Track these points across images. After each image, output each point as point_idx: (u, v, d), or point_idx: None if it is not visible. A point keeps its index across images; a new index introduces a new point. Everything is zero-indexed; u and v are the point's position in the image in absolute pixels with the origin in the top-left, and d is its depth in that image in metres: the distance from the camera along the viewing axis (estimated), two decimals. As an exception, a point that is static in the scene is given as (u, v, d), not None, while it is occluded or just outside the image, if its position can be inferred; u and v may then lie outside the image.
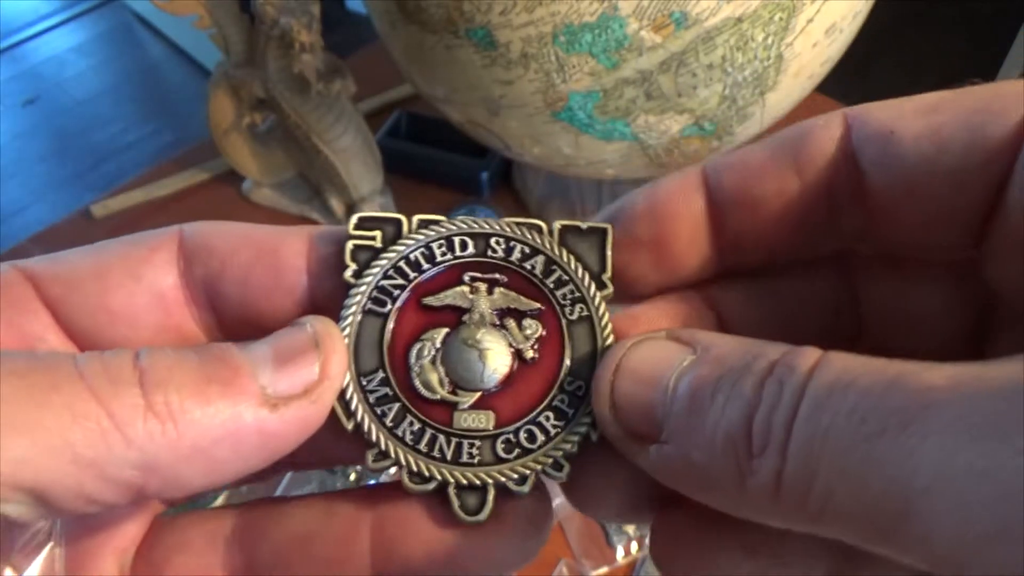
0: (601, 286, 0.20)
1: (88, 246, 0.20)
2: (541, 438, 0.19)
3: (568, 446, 0.19)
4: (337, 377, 0.18)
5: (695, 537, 0.19)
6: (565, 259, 0.20)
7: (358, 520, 0.19)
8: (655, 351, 0.18)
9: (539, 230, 0.21)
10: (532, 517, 0.19)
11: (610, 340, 0.20)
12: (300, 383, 0.17)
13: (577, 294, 0.20)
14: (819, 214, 0.19)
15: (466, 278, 0.20)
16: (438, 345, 0.20)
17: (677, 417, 0.17)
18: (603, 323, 0.20)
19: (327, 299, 0.20)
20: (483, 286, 0.20)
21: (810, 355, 0.15)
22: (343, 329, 0.19)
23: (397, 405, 0.19)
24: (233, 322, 0.20)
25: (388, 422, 0.19)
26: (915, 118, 0.18)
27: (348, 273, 0.20)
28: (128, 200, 0.72)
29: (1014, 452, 0.11)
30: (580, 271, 0.20)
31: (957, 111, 0.17)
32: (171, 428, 0.15)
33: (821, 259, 0.21)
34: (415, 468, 0.19)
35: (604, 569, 0.48)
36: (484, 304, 0.20)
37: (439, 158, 0.70)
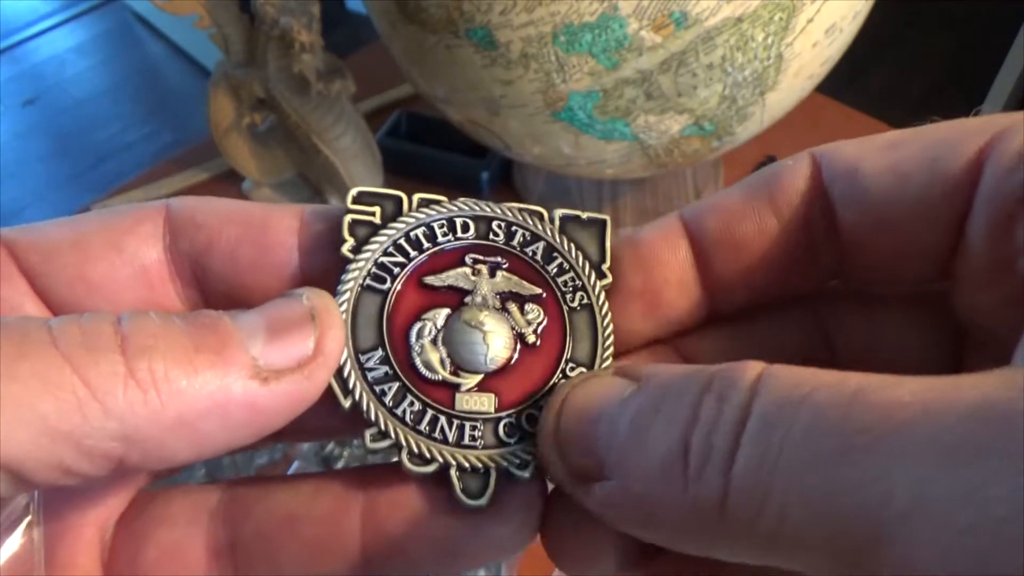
0: (601, 276, 0.20)
1: (70, 217, 0.19)
2: None
3: None
4: (333, 353, 0.17)
5: None
6: (566, 247, 0.21)
7: (348, 501, 0.19)
8: (599, 387, 0.18)
9: (540, 217, 0.21)
10: (529, 501, 0.19)
11: (609, 329, 0.20)
12: (293, 357, 0.16)
13: (578, 282, 0.20)
14: (799, 251, 0.19)
15: (468, 260, 0.20)
16: (439, 325, 0.19)
17: (619, 448, 0.16)
18: (603, 312, 0.20)
19: (318, 278, 0.19)
20: (485, 268, 0.20)
21: (750, 368, 0.15)
22: (340, 304, 0.19)
23: (397, 384, 0.19)
24: (219, 299, 0.19)
25: (388, 401, 0.19)
26: (878, 154, 0.18)
27: (346, 247, 0.19)
28: (128, 200, 0.72)
29: (994, 477, 0.11)
30: (581, 260, 0.20)
31: (917, 146, 0.18)
32: (154, 397, 0.14)
33: (793, 303, 0.21)
34: (416, 449, 0.18)
35: None
36: (486, 287, 0.20)
37: (439, 158, 0.70)
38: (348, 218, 0.20)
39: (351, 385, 0.19)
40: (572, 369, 0.20)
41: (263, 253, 0.19)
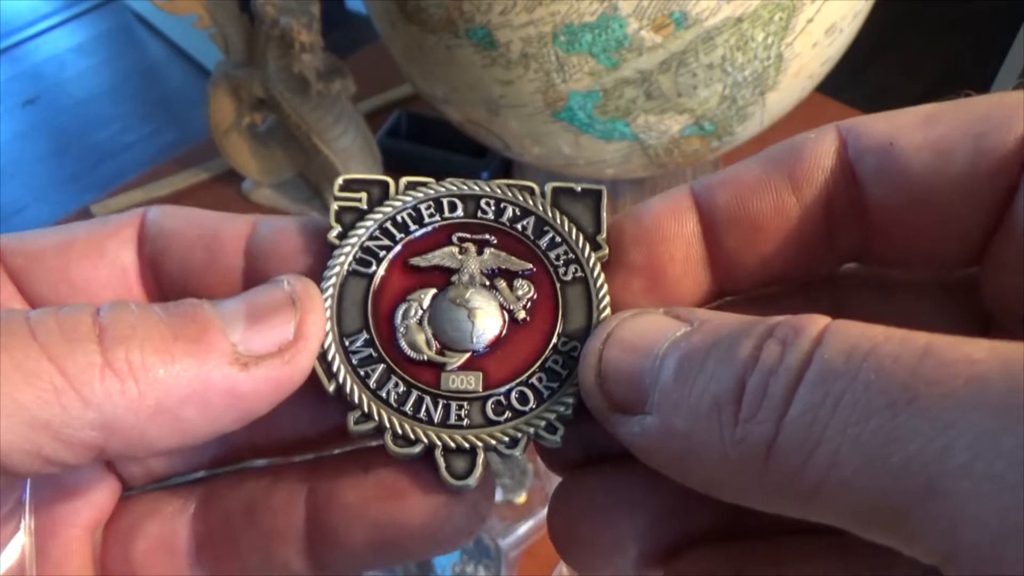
0: (596, 247, 0.20)
1: (55, 226, 0.20)
2: (533, 400, 0.18)
3: (562, 408, 0.18)
4: (313, 338, 0.17)
5: None
6: (558, 221, 0.20)
7: (296, 492, 0.19)
8: (650, 323, 0.17)
9: (531, 192, 0.20)
10: (473, 497, 0.18)
11: (605, 301, 0.19)
12: (274, 342, 0.16)
13: (571, 255, 0.20)
14: (818, 231, 0.18)
15: (455, 238, 0.20)
16: (425, 306, 0.19)
17: (664, 385, 0.16)
18: (598, 284, 0.19)
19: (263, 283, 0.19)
20: (472, 246, 0.20)
21: (818, 320, 0.14)
22: (326, 289, 0.19)
23: (381, 366, 0.19)
24: None
25: (372, 383, 0.18)
26: (915, 128, 0.17)
27: (332, 234, 0.19)
28: (128, 200, 0.72)
29: None
30: (574, 232, 0.20)
31: (959, 121, 0.17)
32: (132, 386, 0.14)
33: (811, 288, 0.20)
34: (400, 431, 0.18)
35: None
36: (473, 264, 0.19)
37: (439, 158, 0.70)
38: (335, 206, 0.20)
39: (335, 369, 0.18)
40: (565, 344, 0.19)
41: (212, 258, 0.19)
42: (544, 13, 0.41)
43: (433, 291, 0.19)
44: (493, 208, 0.20)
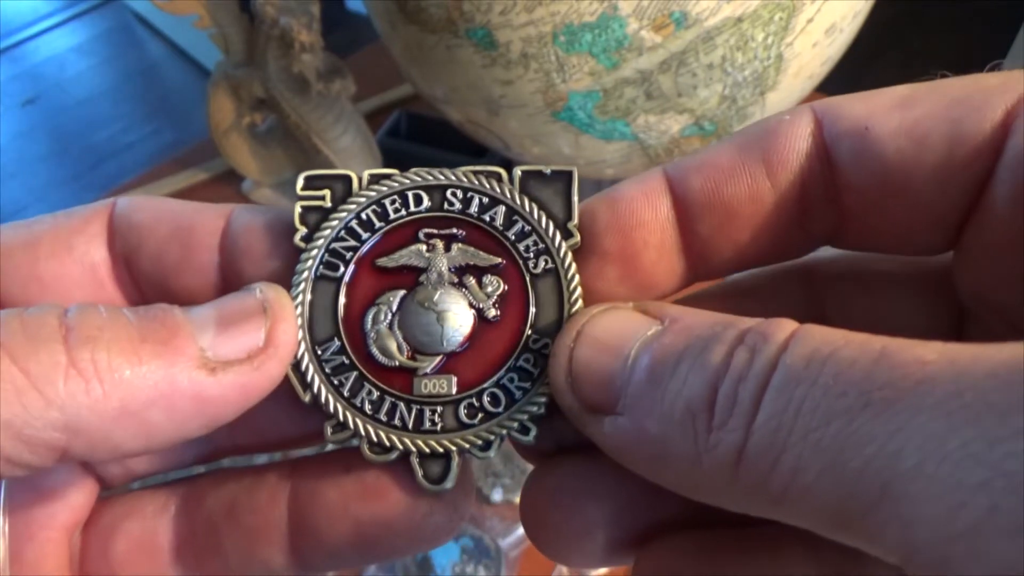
0: (567, 235, 0.19)
1: (22, 220, 0.19)
2: (505, 401, 0.18)
3: (534, 408, 0.18)
4: (284, 346, 0.17)
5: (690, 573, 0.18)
6: (528, 208, 0.19)
7: (278, 490, 0.19)
8: (620, 320, 0.17)
9: (499, 178, 0.20)
10: (457, 483, 0.18)
11: (577, 293, 0.19)
12: (243, 348, 0.16)
13: (541, 245, 0.19)
14: (792, 216, 0.18)
15: (421, 235, 0.19)
16: (394, 309, 0.19)
17: (636, 387, 0.16)
18: (569, 275, 0.19)
19: (240, 280, 0.19)
20: (440, 243, 0.19)
21: (786, 325, 0.14)
22: (295, 296, 0.19)
23: (354, 374, 0.19)
24: (156, 300, 0.19)
25: (345, 392, 0.19)
26: (890, 112, 0.17)
27: (297, 237, 0.19)
28: (128, 200, 0.72)
29: (1014, 435, 0.11)
30: (544, 220, 0.19)
31: (935, 105, 0.16)
32: (96, 387, 0.14)
33: (789, 282, 0.20)
34: (375, 438, 0.18)
35: (604, 570, 0.48)
36: (441, 262, 0.19)
37: (439, 158, 0.70)
38: (298, 207, 0.19)
39: (309, 378, 0.18)
40: (536, 341, 0.19)
41: (186, 255, 0.19)
42: (544, 13, 0.41)
43: (402, 293, 0.19)
44: (460, 198, 0.19)
